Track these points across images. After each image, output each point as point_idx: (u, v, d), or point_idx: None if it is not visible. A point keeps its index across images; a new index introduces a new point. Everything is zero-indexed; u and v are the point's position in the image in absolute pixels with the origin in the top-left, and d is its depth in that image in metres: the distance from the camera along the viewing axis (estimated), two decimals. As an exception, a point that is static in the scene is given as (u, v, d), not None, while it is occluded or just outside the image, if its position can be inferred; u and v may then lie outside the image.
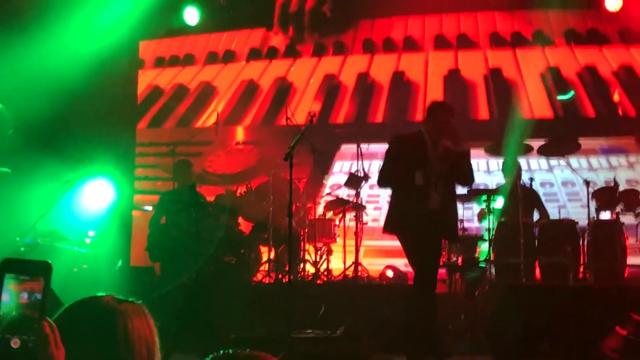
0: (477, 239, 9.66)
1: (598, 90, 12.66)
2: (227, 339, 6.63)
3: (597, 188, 10.10)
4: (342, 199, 10.90)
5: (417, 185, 6.76)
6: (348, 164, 12.44)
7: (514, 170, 9.81)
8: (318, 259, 10.39)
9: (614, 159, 12.40)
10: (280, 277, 9.64)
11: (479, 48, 13.31)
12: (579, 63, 12.82)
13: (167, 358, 6.25)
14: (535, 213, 9.97)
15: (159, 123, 13.71)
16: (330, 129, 13.12)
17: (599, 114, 12.61)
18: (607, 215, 9.95)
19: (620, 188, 10.26)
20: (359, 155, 10.63)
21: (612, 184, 10.09)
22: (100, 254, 9.18)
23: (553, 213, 10.59)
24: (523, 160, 10.74)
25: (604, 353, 5.25)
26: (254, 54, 14.03)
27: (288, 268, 9.76)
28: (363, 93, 13.51)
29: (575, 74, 12.74)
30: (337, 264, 10.63)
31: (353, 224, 10.53)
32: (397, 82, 13.42)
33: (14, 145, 5.99)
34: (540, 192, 10.92)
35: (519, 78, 12.71)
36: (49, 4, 8.59)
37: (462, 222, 10.07)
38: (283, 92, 13.43)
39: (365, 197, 12.27)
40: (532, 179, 10.17)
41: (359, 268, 10.21)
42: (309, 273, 10.16)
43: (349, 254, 10.52)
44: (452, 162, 6.84)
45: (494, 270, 9.36)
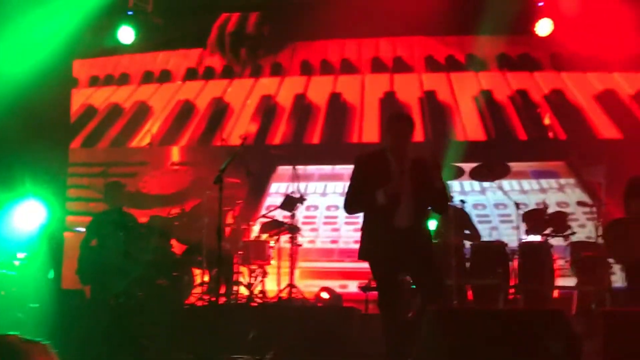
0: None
1: (529, 114, 12.90)
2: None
3: (526, 210, 10.26)
4: (277, 221, 10.88)
5: (381, 205, 6.47)
6: (285, 186, 12.42)
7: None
8: (252, 281, 10.35)
9: (545, 182, 12.63)
10: (214, 299, 9.56)
11: (414, 71, 13.47)
12: (511, 87, 13.06)
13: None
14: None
15: (93, 143, 13.54)
16: (267, 150, 13.11)
17: (530, 138, 12.85)
18: (536, 238, 10.12)
19: (551, 210, 10.46)
20: (295, 177, 10.67)
21: (541, 207, 10.26)
22: (30, 276, 9.01)
23: (485, 235, 10.75)
24: (456, 182, 10.88)
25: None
26: (191, 74, 13.97)
27: (221, 291, 9.83)
28: (300, 114, 13.55)
29: (507, 98, 12.98)
30: (271, 286, 10.60)
31: (289, 246, 10.53)
32: (333, 103, 13.50)
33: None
34: (473, 213, 11.07)
35: (453, 101, 12.89)
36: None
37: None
38: (219, 112, 13.39)
39: (302, 218, 12.29)
40: (463, 201, 10.30)
41: (294, 290, 10.20)
42: (243, 295, 10.10)
43: (284, 276, 10.51)
44: (428, 194, 6.56)
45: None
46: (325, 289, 10.87)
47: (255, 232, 10.97)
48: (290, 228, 10.53)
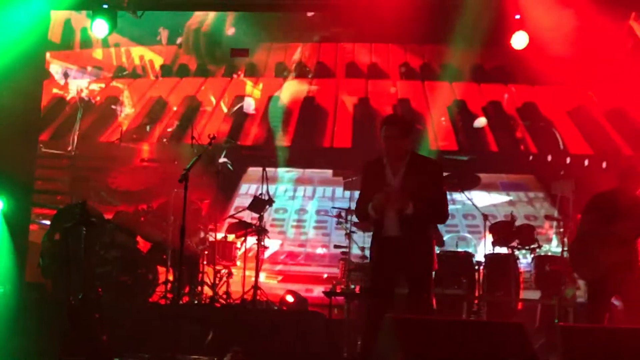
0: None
1: (501, 126, 12.95)
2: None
3: (494, 222, 10.28)
4: (244, 222, 10.81)
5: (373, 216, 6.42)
6: (254, 187, 12.37)
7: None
8: (217, 282, 10.26)
9: (514, 195, 12.68)
10: (177, 299, 9.46)
11: (389, 78, 13.47)
12: (484, 98, 13.10)
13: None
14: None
15: (62, 136, 13.38)
16: (238, 151, 13.04)
17: (502, 150, 12.90)
18: (503, 249, 10.15)
19: (519, 223, 10.50)
20: (264, 179, 10.59)
21: (509, 219, 10.29)
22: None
23: (452, 245, 10.76)
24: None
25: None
26: (165, 71, 13.87)
27: (185, 290, 9.75)
28: (273, 116, 13.50)
29: (480, 109, 13.02)
30: (236, 288, 10.52)
31: (255, 248, 10.46)
32: (307, 106, 13.46)
33: None
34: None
35: (426, 109, 12.89)
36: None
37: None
38: (192, 110, 13.29)
39: (270, 220, 12.24)
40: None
41: (258, 292, 10.13)
42: (207, 296, 10.01)
43: (250, 278, 10.43)
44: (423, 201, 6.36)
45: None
46: (290, 292, 10.82)
47: (222, 232, 10.89)
48: (258, 230, 10.46)
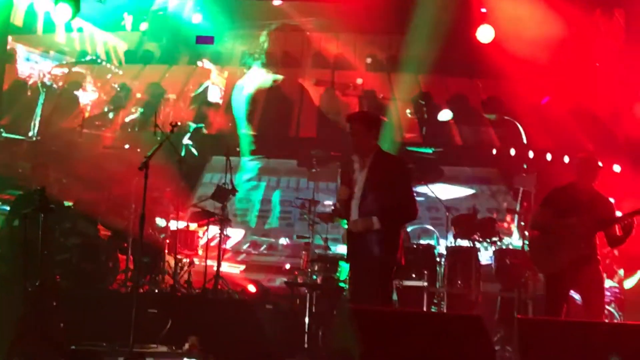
0: (337, 259, 9.69)
1: (466, 119, 13.00)
2: (64, 351, 6.37)
3: (457, 215, 10.33)
4: (207, 211, 10.75)
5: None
6: (218, 176, 12.29)
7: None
8: (178, 271, 10.19)
9: (477, 188, 12.74)
10: (137, 287, 9.37)
11: (355, 69, 13.45)
12: (449, 91, 13.13)
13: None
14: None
15: (23, 120, 13.18)
16: (202, 138, 12.97)
17: (465, 143, 12.96)
18: (465, 242, 10.20)
19: (482, 216, 10.56)
20: (228, 168, 10.51)
21: (471, 212, 10.35)
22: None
23: (414, 237, 10.80)
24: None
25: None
26: (129, 57, 13.70)
27: (145, 278, 9.68)
28: (237, 105, 13.42)
29: (445, 102, 13.04)
30: (198, 277, 10.45)
31: (218, 237, 10.41)
32: (272, 96, 13.38)
33: None
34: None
35: (392, 101, 12.87)
36: None
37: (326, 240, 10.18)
38: (156, 98, 13.15)
39: (233, 210, 12.19)
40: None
41: (220, 281, 10.07)
42: (168, 285, 9.93)
43: (212, 267, 10.35)
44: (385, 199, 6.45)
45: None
46: (252, 282, 10.80)
47: (185, 221, 10.82)
48: (220, 219, 10.40)
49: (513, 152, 12.37)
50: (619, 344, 5.56)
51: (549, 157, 12.23)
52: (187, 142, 12.34)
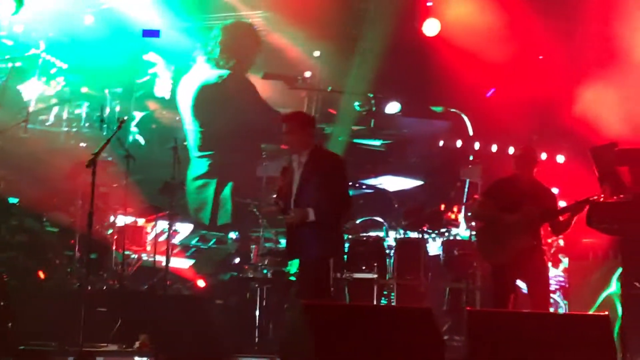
0: (287, 253, 9.71)
1: (414, 112, 13.05)
2: (13, 351, 6.30)
3: (405, 207, 10.43)
4: (155, 206, 10.68)
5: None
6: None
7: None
8: (126, 267, 10.10)
9: (425, 179, 12.78)
10: (84, 284, 9.26)
11: (304, 62, 13.37)
12: (397, 83, 13.13)
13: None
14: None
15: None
16: (151, 133, 12.83)
17: (414, 134, 13.05)
18: (414, 234, 10.31)
19: (430, 208, 10.69)
20: (175, 162, 10.42)
21: (420, 204, 10.47)
22: None
23: (363, 229, 10.84)
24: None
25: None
26: (74, 50, 13.39)
27: (93, 276, 9.57)
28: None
29: (393, 94, 13.04)
30: (147, 273, 10.37)
31: (166, 232, 10.33)
32: (219, 91, 13.18)
33: None
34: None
35: (340, 94, 12.84)
36: None
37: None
38: (102, 92, 12.86)
39: (187, 208, 12.12)
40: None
41: (169, 277, 10.00)
42: (116, 282, 9.82)
43: (160, 263, 10.27)
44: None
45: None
46: (202, 277, 10.77)
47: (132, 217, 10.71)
48: (169, 214, 10.32)
49: (459, 143, 12.50)
50: (566, 335, 5.71)
51: (495, 148, 12.40)
52: (134, 129, 12.23)
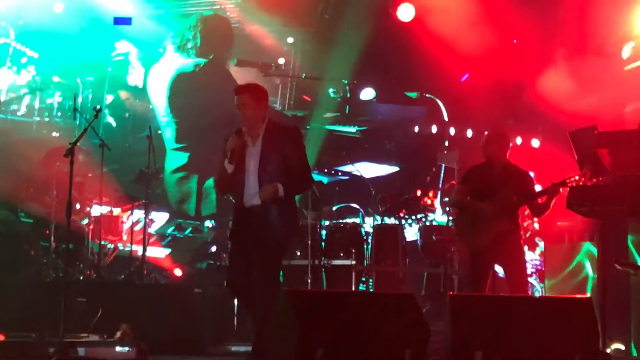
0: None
1: (388, 98, 13.07)
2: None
3: (382, 193, 10.46)
4: (130, 195, 10.61)
5: (231, 175, 6.41)
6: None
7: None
8: (103, 257, 10.04)
9: (401, 165, 12.83)
10: (61, 275, 9.20)
11: (277, 49, 13.33)
12: (372, 70, 13.11)
13: None
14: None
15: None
16: (125, 121, 12.73)
17: (389, 120, 13.09)
18: (391, 220, 10.36)
19: (406, 193, 10.73)
20: (151, 151, 10.35)
21: (397, 190, 10.51)
22: None
23: (339, 215, 10.89)
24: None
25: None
26: (44, 39, 13.21)
27: (69, 266, 9.48)
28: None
29: (368, 81, 13.04)
30: (123, 262, 10.31)
31: (142, 221, 10.27)
32: (195, 80, 13.09)
33: None
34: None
35: (315, 80, 12.81)
36: None
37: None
38: (74, 81, 12.71)
39: (157, 193, 12.02)
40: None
41: (146, 266, 9.96)
42: (93, 272, 9.76)
43: (137, 252, 10.21)
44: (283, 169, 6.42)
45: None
46: (179, 266, 10.73)
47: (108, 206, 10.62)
48: (144, 203, 10.26)
49: (435, 129, 12.53)
50: (549, 318, 5.78)
51: (470, 133, 12.44)
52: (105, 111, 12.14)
